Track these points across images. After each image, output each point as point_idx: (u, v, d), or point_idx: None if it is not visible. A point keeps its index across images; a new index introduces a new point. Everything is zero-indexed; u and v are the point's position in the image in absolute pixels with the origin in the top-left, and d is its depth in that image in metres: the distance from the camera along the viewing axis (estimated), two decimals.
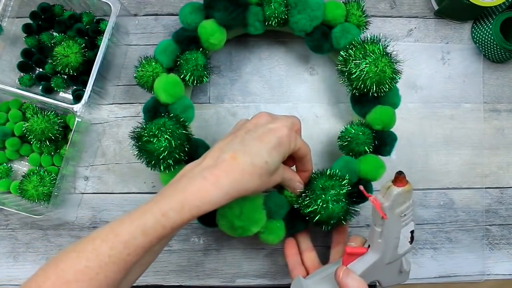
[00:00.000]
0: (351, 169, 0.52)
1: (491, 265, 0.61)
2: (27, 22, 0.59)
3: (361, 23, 0.55)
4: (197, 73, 0.53)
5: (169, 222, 0.37)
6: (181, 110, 0.52)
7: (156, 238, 0.37)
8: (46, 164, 0.58)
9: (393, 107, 0.54)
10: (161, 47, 0.53)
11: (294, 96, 0.61)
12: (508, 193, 0.62)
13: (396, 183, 0.39)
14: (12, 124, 0.58)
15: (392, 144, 0.54)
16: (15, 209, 0.52)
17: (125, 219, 0.37)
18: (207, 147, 0.53)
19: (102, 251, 0.35)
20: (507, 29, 0.60)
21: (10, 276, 0.58)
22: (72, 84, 0.59)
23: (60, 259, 0.36)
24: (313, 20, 0.53)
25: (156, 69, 0.52)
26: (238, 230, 0.48)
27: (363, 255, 0.44)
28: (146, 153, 0.48)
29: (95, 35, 0.59)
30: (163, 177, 0.51)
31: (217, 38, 0.53)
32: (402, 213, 0.41)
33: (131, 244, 0.36)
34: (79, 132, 0.55)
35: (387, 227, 0.41)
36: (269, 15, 0.53)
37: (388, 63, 0.50)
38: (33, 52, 0.59)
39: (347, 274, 0.42)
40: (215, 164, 0.39)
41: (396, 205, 0.40)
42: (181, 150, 0.48)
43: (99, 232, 0.37)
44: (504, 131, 0.63)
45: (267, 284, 0.59)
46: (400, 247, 0.43)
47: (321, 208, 0.47)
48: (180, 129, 0.49)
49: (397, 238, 0.42)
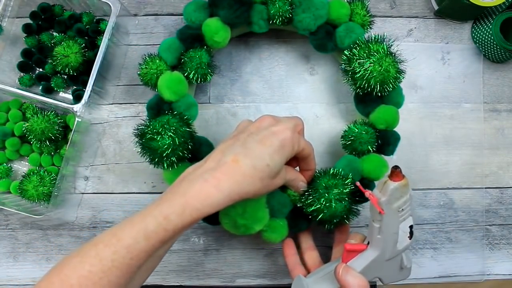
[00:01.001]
0: (354, 168, 0.52)
1: (491, 265, 0.61)
2: (27, 22, 0.59)
3: (365, 23, 0.55)
4: (201, 71, 0.53)
5: (171, 225, 0.37)
6: (184, 107, 0.52)
7: (159, 241, 0.37)
8: (46, 164, 0.58)
9: (397, 106, 0.54)
10: (165, 44, 0.53)
11: (294, 96, 0.61)
12: (508, 193, 0.62)
13: (392, 177, 0.40)
14: (12, 124, 0.58)
15: (395, 144, 0.54)
16: (15, 209, 0.52)
17: (126, 223, 0.37)
18: (210, 145, 0.53)
19: (105, 256, 0.35)
20: (507, 29, 0.60)
21: (10, 276, 0.58)
22: (72, 84, 0.59)
23: (63, 265, 0.36)
24: (317, 19, 0.53)
25: (160, 67, 0.52)
26: (241, 228, 0.48)
27: (362, 252, 0.44)
28: (149, 150, 0.48)
29: (95, 35, 0.59)
30: (166, 175, 0.51)
31: (222, 36, 0.53)
32: (400, 207, 0.41)
33: (133, 248, 0.36)
34: (79, 132, 0.55)
35: (385, 222, 0.41)
36: (273, 14, 0.53)
37: (392, 63, 0.50)
38: (33, 52, 0.59)
39: (346, 271, 0.42)
40: (217, 166, 0.39)
41: (393, 200, 0.40)
42: (184, 148, 0.48)
43: (101, 236, 0.37)
44: (504, 131, 0.63)
45: (267, 284, 0.59)
46: (399, 242, 0.43)
47: (324, 207, 0.47)
48: (183, 126, 0.49)
49: (396, 234, 0.42)
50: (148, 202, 0.59)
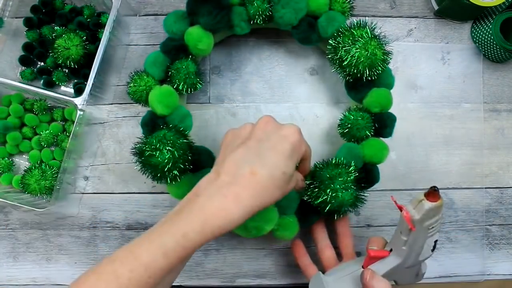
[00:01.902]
0: (355, 155, 0.52)
1: (491, 265, 0.61)
2: (28, 16, 0.59)
3: (345, 9, 0.55)
4: (190, 81, 0.52)
5: (190, 243, 0.36)
6: (179, 119, 0.52)
7: (177, 259, 0.36)
8: (46, 159, 0.58)
9: (388, 88, 0.54)
10: (150, 59, 0.53)
11: (294, 96, 0.61)
12: (508, 193, 0.62)
13: (429, 197, 0.39)
14: (13, 118, 0.58)
15: (392, 125, 0.54)
16: (17, 202, 0.52)
17: (143, 240, 0.36)
18: (209, 153, 0.53)
19: (122, 273, 0.34)
20: (507, 29, 0.60)
21: (10, 276, 0.58)
22: (73, 77, 0.59)
23: (80, 283, 0.35)
24: (298, 13, 0.53)
25: (149, 82, 0.52)
26: (252, 231, 0.48)
27: (384, 258, 0.44)
28: (150, 167, 0.48)
29: (96, 28, 0.59)
30: (171, 189, 0.51)
31: (205, 43, 0.53)
32: (431, 226, 0.41)
33: (151, 266, 0.35)
34: (80, 125, 0.55)
35: (414, 237, 0.41)
36: (253, 14, 0.53)
37: (377, 46, 0.50)
38: (34, 46, 0.60)
39: (373, 277, 0.42)
40: (234, 180, 0.38)
41: (426, 219, 0.40)
42: (184, 160, 0.48)
43: (118, 253, 0.36)
44: (504, 131, 0.63)
45: (267, 284, 0.59)
46: (422, 254, 0.44)
47: (331, 198, 0.47)
48: (181, 138, 0.49)
49: (421, 248, 0.43)
50: (148, 202, 0.59)
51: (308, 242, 0.56)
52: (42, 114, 0.58)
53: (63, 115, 0.59)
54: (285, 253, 0.59)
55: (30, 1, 0.59)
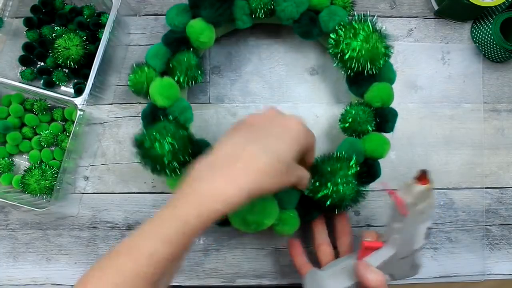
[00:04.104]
0: (356, 150, 0.52)
1: (491, 265, 0.61)
2: (28, 16, 0.59)
3: (347, 4, 0.55)
4: (191, 74, 0.53)
5: (189, 228, 0.35)
6: (179, 111, 0.52)
7: (179, 246, 0.35)
8: (46, 159, 0.58)
9: (390, 82, 0.54)
10: (151, 51, 0.53)
11: (294, 96, 0.61)
12: (508, 193, 0.62)
13: (419, 180, 0.40)
14: (13, 118, 0.58)
15: (393, 120, 0.54)
16: (17, 202, 0.52)
17: (145, 230, 0.36)
18: (210, 147, 0.53)
19: (126, 267, 0.34)
20: (507, 29, 0.60)
21: (10, 276, 0.58)
22: (73, 77, 0.60)
23: (86, 279, 0.35)
24: (299, 6, 0.53)
25: (150, 74, 0.52)
26: (252, 225, 0.47)
27: (378, 249, 0.44)
28: (150, 159, 0.47)
29: (96, 28, 0.59)
30: (170, 182, 0.51)
31: (207, 36, 0.53)
32: (422, 210, 0.41)
33: (155, 256, 0.35)
34: (80, 125, 0.55)
35: (406, 223, 0.42)
36: (255, 7, 0.53)
37: (379, 39, 0.50)
38: (34, 46, 0.60)
39: (366, 268, 0.42)
40: (232, 162, 0.37)
41: (418, 203, 0.40)
42: (185, 152, 0.48)
43: (120, 246, 0.36)
44: (504, 131, 0.63)
45: (267, 284, 0.59)
46: (415, 242, 0.44)
47: (332, 192, 0.47)
48: (181, 130, 0.48)
49: (414, 234, 0.43)
50: (148, 202, 0.59)
51: (306, 242, 0.56)
52: (42, 114, 0.58)
53: (63, 115, 0.59)
54: (285, 253, 0.59)
55: (30, 1, 0.59)
